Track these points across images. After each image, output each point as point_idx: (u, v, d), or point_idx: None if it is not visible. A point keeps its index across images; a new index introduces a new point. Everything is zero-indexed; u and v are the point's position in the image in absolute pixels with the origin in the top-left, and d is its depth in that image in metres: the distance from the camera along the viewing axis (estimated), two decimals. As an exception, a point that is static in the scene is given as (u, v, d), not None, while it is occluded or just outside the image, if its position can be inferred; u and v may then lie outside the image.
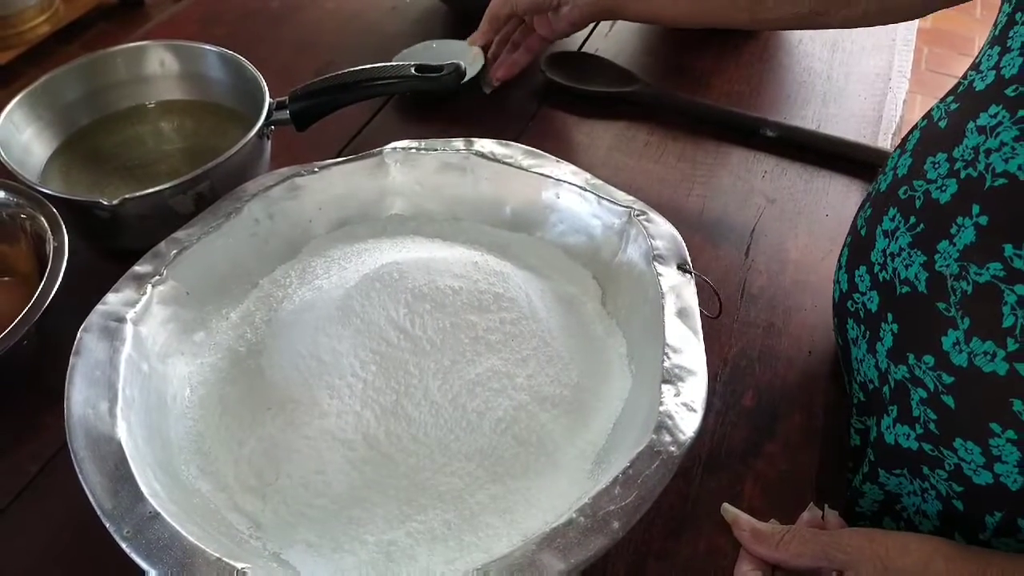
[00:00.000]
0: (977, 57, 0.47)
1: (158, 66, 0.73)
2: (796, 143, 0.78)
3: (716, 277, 0.60)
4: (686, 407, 0.45)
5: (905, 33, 0.93)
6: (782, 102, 0.84)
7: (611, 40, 0.91)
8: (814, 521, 0.48)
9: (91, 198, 0.59)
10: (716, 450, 0.55)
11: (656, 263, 0.53)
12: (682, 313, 0.51)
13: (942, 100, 0.49)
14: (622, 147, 0.79)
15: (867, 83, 0.86)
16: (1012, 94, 0.42)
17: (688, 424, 0.44)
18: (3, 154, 0.61)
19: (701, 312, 0.51)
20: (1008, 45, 0.43)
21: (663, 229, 0.56)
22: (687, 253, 0.55)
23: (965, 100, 0.46)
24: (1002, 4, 0.45)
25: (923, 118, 0.51)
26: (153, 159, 0.71)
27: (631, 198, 0.59)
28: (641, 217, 0.57)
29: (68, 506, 0.51)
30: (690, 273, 0.53)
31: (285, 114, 0.66)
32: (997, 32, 0.45)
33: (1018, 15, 0.43)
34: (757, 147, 0.78)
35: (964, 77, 0.47)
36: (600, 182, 0.60)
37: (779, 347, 0.62)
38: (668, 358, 0.47)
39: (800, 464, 0.55)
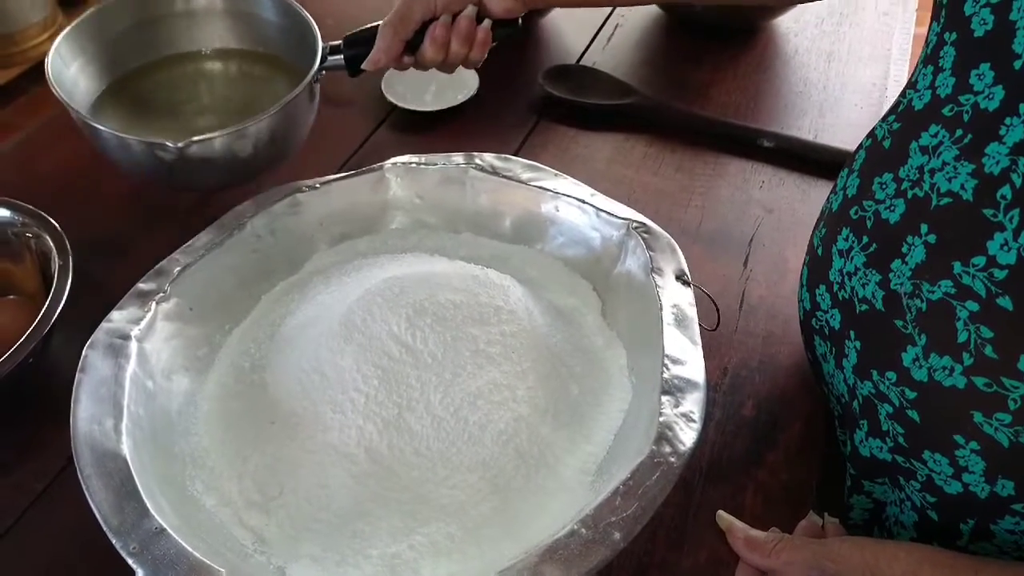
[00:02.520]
0: (913, 75, 0.47)
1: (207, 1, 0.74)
2: (793, 153, 0.78)
3: (715, 288, 0.60)
4: (685, 418, 0.46)
5: (901, 42, 0.93)
6: (779, 113, 0.84)
7: (608, 53, 0.92)
8: (812, 529, 0.48)
9: (158, 139, 0.60)
10: (717, 460, 0.55)
11: (655, 275, 0.54)
12: (681, 324, 0.51)
13: (884, 119, 0.49)
14: (620, 159, 0.79)
15: (863, 93, 0.86)
16: (949, 114, 0.42)
17: (688, 435, 0.45)
18: (56, 86, 0.62)
19: (699, 323, 0.52)
20: (940, 64, 0.43)
21: (662, 241, 0.57)
22: (686, 264, 0.55)
23: (906, 120, 0.46)
24: (931, 22, 0.45)
25: (867, 137, 0.51)
26: (202, 107, 0.72)
27: (630, 210, 0.59)
28: (640, 229, 0.57)
29: (74, 522, 0.51)
30: (689, 284, 0.54)
31: (339, 60, 0.66)
32: (929, 51, 0.45)
33: (946, 35, 0.43)
34: (754, 158, 0.79)
35: (903, 95, 0.48)
36: (599, 194, 0.61)
37: (778, 357, 0.62)
38: (667, 369, 0.48)
39: (801, 473, 0.55)
